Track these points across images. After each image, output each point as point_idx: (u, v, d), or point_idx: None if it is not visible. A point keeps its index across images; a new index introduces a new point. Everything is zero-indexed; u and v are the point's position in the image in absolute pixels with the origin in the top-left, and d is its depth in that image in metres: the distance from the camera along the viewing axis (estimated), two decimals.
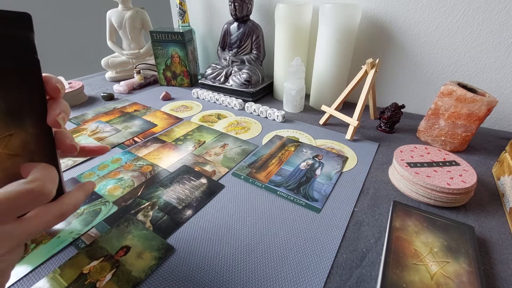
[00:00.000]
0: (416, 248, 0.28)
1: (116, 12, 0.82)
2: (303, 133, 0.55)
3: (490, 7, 0.50)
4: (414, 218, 0.32)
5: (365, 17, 0.61)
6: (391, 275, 0.26)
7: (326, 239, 0.32)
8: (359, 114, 0.52)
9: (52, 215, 0.19)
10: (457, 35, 0.55)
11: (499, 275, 0.28)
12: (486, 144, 0.51)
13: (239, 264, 0.29)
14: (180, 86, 0.82)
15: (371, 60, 0.52)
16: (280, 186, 0.40)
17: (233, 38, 0.73)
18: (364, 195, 0.39)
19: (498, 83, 0.55)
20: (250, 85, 0.69)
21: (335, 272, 0.28)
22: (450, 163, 0.39)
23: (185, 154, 0.47)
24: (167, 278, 0.27)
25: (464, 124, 0.46)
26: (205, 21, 0.87)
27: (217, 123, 0.59)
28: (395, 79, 0.65)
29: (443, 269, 0.26)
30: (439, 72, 0.59)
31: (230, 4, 0.67)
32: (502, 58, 0.53)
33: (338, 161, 0.46)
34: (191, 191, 0.39)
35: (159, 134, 0.54)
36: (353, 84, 0.55)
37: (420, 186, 0.36)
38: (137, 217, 0.34)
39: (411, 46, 0.60)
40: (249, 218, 0.34)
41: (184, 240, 0.31)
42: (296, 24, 0.62)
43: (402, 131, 0.56)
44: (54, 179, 0.19)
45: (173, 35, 0.73)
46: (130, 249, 0.30)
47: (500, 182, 0.40)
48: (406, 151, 0.42)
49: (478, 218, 0.35)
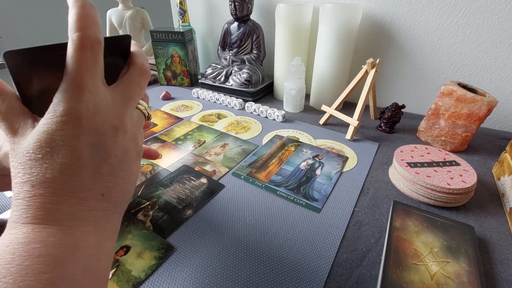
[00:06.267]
0: (416, 248, 0.28)
1: (116, 12, 0.82)
2: (303, 133, 0.55)
3: (491, 8, 0.50)
4: (414, 218, 0.32)
5: (366, 17, 0.61)
6: (391, 275, 0.26)
7: (326, 239, 0.32)
8: (359, 114, 0.52)
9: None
10: (457, 35, 0.55)
11: (499, 275, 0.28)
12: (486, 144, 0.51)
13: (239, 264, 0.29)
14: (180, 85, 0.82)
15: (371, 60, 0.51)
16: (280, 186, 0.40)
17: (233, 38, 0.72)
18: (364, 195, 0.39)
19: (498, 83, 0.55)
20: (250, 84, 0.69)
21: (335, 272, 0.28)
22: (450, 163, 0.39)
23: (185, 153, 0.47)
24: (167, 278, 0.27)
25: (464, 124, 0.46)
26: (205, 21, 0.87)
27: (217, 122, 0.59)
28: (396, 79, 0.65)
29: (443, 269, 0.26)
30: (439, 72, 0.59)
31: (231, 3, 0.67)
32: (503, 58, 0.53)
33: (338, 161, 0.46)
34: (191, 190, 0.39)
35: (159, 134, 0.54)
36: (353, 84, 0.55)
37: (420, 186, 0.36)
38: (137, 217, 0.34)
39: (412, 46, 0.60)
40: (249, 218, 0.34)
41: (184, 240, 0.31)
42: (296, 24, 0.62)
43: (402, 131, 0.56)
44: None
45: (173, 35, 0.73)
46: (130, 249, 0.30)
47: (500, 182, 0.40)
48: (406, 151, 0.42)
49: (478, 218, 0.35)
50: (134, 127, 0.21)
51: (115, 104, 0.19)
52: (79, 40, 0.17)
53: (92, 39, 0.17)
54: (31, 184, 0.16)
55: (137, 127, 0.22)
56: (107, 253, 0.18)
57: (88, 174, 0.17)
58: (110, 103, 0.19)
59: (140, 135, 0.22)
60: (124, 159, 0.19)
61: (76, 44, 0.17)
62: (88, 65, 0.17)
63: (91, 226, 0.17)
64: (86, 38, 0.17)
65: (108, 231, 0.18)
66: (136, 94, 0.21)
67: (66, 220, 0.16)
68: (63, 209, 0.16)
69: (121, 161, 0.19)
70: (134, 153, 0.21)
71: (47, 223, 0.15)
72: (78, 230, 0.16)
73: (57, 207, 0.16)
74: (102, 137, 0.18)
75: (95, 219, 0.17)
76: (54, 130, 0.16)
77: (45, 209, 0.15)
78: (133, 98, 0.21)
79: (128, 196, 0.21)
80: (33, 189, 0.15)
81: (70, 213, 0.16)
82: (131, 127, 0.20)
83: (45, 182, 0.16)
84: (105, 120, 0.18)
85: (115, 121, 0.19)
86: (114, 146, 0.18)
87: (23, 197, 0.15)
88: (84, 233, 0.16)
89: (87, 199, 0.17)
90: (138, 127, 0.22)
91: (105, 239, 0.18)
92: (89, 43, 0.17)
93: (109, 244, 0.18)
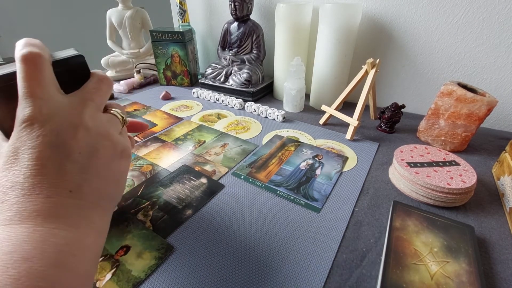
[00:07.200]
0: (416, 248, 0.28)
1: (116, 12, 0.82)
2: (303, 133, 0.55)
3: (491, 7, 0.50)
4: (414, 218, 0.32)
5: (366, 17, 0.61)
6: (391, 275, 0.26)
7: (326, 239, 0.32)
8: (359, 114, 0.52)
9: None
10: (457, 35, 0.55)
11: (499, 275, 0.28)
12: (486, 144, 0.51)
13: (239, 263, 0.29)
14: (180, 85, 0.82)
15: (371, 60, 0.51)
16: (280, 186, 0.40)
17: (233, 38, 0.72)
18: (364, 195, 0.39)
19: (498, 83, 0.55)
20: (250, 84, 0.69)
21: (335, 272, 0.28)
22: (450, 163, 0.39)
23: (185, 153, 0.47)
24: (167, 278, 0.27)
25: (464, 124, 0.46)
26: (205, 21, 0.87)
27: (217, 122, 0.59)
28: (396, 79, 0.65)
29: (443, 269, 0.26)
30: (439, 72, 0.59)
31: (230, 3, 0.67)
32: (502, 58, 0.53)
33: (338, 161, 0.46)
34: (191, 190, 0.39)
35: (159, 134, 0.54)
36: (353, 84, 0.55)
37: (420, 186, 0.36)
38: (137, 217, 0.34)
39: (412, 46, 0.60)
40: (249, 218, 0.34)
41: (184, 240, 0.31)
42: (296, 24, 0.62)
43: (402, 131, 0.56)
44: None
45: (173, 35, 0.73)
46: (130, 249, 0.30)
47: (500, 182, 0.40)
48: (406, 151, 0.42)
49: (478, 218, 0.35)
50: (103, 126, 0.22)
51: (72, 105, 0.21)
52: (23, 56, 0.19)
53: (33, 54, 0.19)
54: (2, 191, 0.17)
55: (109, 127, 0.23)
56: (87, 249, 0.19)
57: (51, 171, 0.18)
58: (66, 105, 0.20)
59: (115, 134, 0.23)
60: (93, 156, 0.20)
61: (21, 59, 0.19)
62: (35, 75, 0.19)
63: (61, 222, 0.18)
64: (28, 54, 0.19)
65: (86, 228, 0.19)
66: (95, 96, 0.22)
67: (33, 218, 0.17)
68: (30, 208, 0.17)
69: (90, 158, 0.20)
70: (110, 152, 0.22)
71: (15, 223, 0.16)
72: (46, 226, 0.17)
73: (24, 206, 0.17)
74: (60, 136, 0.19)
75: (65, 216, 0.18)
76: (16, 138, 0.18)
77: (14, 210, 0.17)
78: (90, 99, 0.22)
79: (110, 195, 0.22)
80: (4, 195, 0.17)
81: (36, 211, 0.17)
82: (96, 125, 0.21)
83: (13, 186, 0.17)
84: (62, 121, 0.19)
85: (73, 119, 0.20)
86: (75, 143, 0.20)
87: None
88: (53, 229, 0.17)
89: (53, 196, 0.18)
90: (109, 127, 0.23)
91: (84, 236, 0.19)
92: (31, 57, 0.19)
93: (89, 241, 0.19)
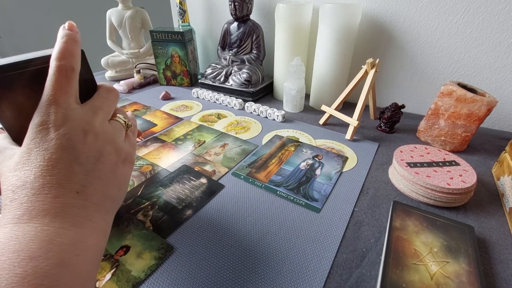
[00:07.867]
0: (416, 248, 0.28)
1: (116, 12, 0.82)
2: (303, 133, 0.55)
3: (490, 7, 0.50)
4: (414, 218, 0.32)
5: (365, 17, 0.61)
6: (391, 275, 0.26)
7: (326, 239, 0.32)
8: (359, 114, 0.52)
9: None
10: (457, 35, 0.55)
11: (499, 275, 0.28)
12: (486, 144, 0.51)
13: (239, 263, 0.29)
14: (180, 85, 0.82)
15: (371, 60, 0.52)
16: (280, 186, 0.40)
17: (233, 38, 0.72)
18: (364, 195, 0.39)
19: (498, 83, 0.55)
20: (250, 84, 0.69)
21: (335, 272, 0.28)
22: (450, 163, 0.39)
23: (185, 153, 0.47)
24: (167, 278, 0.27)
25: (464, 124, 0.46)
26: (205, 21, 0.87)
27: (217, 122, 0.59)
28: (395, 79, 0.65)
29: (443, 269, 0.26)
30: (439, 72, 0.59)
31: (230, 3, 0.67)
32: (502, 58, 0.53)
33: (338, 161, 0.46)
34: (191, 191, 0.39)
35: (159, 134, 0.54)
36: (353, 84, 0.55)
37: (420, 186, 0.36)
38: (137, 217, 0.34)
39: (411, 46, 0.60)
40: (249, 218, 0.34)
41: (184, 240, 0.31)
42: (296, 24, 0.62)
43: (402, 131, 0.56)
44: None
45: (173, 35, 0.73)
46: (129, 249, 0.30)
47: (500, 182, 0.40)
48: (406, 151, 0.42)
49: (478, 218, 0.35)
50: (110, 133, 0.24)
51: (84, 113, 0.22)
52: (57, 68, 0.21)
53: (68, 67, 0.21)
54: (11, 190, 0.18)
55: (115, 134, 0.25)
56: (89, 249, 0.19)
57: (61, 172, 0.19)
58: (79, 113, 0.22)
59: (120, 141, 0.25)
60: (99, 160, 0.22)
61: (54, 69, 0.21)
62: (62, 86, 0.21)
63: (67, 222, 0.18)
64: (62, 66, 0.21)
65: (90, 228, 0.20)
66: (104, 105, 0.24)
67: (41, 217, 0.17)
68: (38, 207, 0.17)
69: (96, 162, 0.21)
70: (114, 157, 0.23)
71: (24, 222, 0.17)
72: (53, 225, 0.17)
73: (33, 205, 0.18)
74: (72, 140, 0.20)
75: (71, 216, 0.19)
76: (30, 140, 0.19)
77: (23, 209, 0.17)
78: (100, 108, 0.24)
79: (113, 197, 0.23)
80: (14, 194, 0.18)
81: (45, 210, 0.18)
82: (104, 132, 0.23)
83: (24, 185, 0.18)
84: (74, 126, 0.21)
85: (84, 126, 0.21)
86: (85, 147, 0.21)
87: (4, 203, 0.18)
88: (59, 229, 0.17)
89: (61, 196, 0.18)
90: (114, 134, 0.24)
91: (87, 236, 0.19)
92: (64, 70, 0.21)
93: (92, 241, 0.19)
